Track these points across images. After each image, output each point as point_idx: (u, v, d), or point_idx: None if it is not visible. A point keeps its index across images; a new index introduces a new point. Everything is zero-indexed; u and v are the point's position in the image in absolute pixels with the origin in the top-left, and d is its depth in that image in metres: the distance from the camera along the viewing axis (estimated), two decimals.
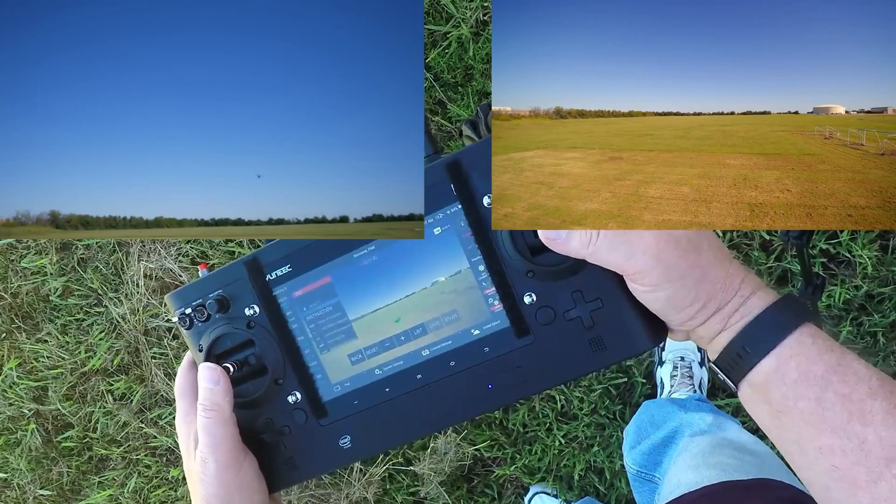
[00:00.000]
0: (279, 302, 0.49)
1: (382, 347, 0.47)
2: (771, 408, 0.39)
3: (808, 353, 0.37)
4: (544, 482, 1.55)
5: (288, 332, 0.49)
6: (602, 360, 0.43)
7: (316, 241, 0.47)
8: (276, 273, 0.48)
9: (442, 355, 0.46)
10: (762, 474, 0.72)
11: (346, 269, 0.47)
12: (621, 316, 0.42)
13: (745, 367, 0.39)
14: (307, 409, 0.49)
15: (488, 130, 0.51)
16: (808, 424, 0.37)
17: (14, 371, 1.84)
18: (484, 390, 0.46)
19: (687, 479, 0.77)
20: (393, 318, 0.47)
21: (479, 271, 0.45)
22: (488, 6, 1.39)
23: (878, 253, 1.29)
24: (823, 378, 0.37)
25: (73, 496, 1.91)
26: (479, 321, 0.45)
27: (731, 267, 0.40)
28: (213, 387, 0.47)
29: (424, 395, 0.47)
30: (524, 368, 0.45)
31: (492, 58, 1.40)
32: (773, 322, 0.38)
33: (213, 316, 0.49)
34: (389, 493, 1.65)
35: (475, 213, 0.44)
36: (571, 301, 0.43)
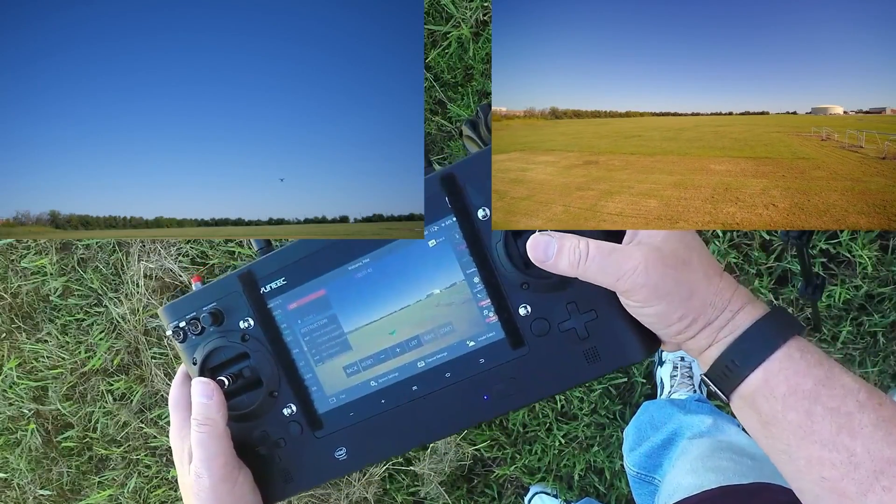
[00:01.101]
0: (274, 315, 0.49)
1: (378, 359, 0.48)
2: (760, 419, 0.39)
3: (797, 367, 0.38)
4: (544, 482, 1.56)
5: (283, 345, 0.49)
6: (596, 370, 0.44)
7: (310, 254, 0.47)
8: (270, 286, 0.48)
9: (437, 367, 0.47)
10: (761, 478, 0.72)
11: (340, 281, 0.47)
12: (615, 327, 0.43)
13: (734, 380, 0.39)
14: (302, 421, 0.49)
15: (488, 130, 0.51)
16: (797, 436, 0.37)
17: (14, 371, 1.84)
18: (479, 401, 0.46)
19: (686, 484, 0.77)
20: (388, 331, 0.47)
21: (475, 283, 0.45)
22: (488, 6, 1.39)
23: (878, 253, 1.29)
24: (812, 391, 0.37)
25: (73, 496, 1.91)
26: (474, 333, 0.46)
27: (721, 282, 0.40)
28: (206, 401, 0.46)
29: (420, 407, 0.47)
30: (519, 379, 0.45)
31: (492, 58, 1.40)
32: (761, 337, 0.39)
33: (206, 329, 0.49)
34: (389, 493, 1.65)
35: (470, 226, 0.44)
36: (566, 312, 0.43)
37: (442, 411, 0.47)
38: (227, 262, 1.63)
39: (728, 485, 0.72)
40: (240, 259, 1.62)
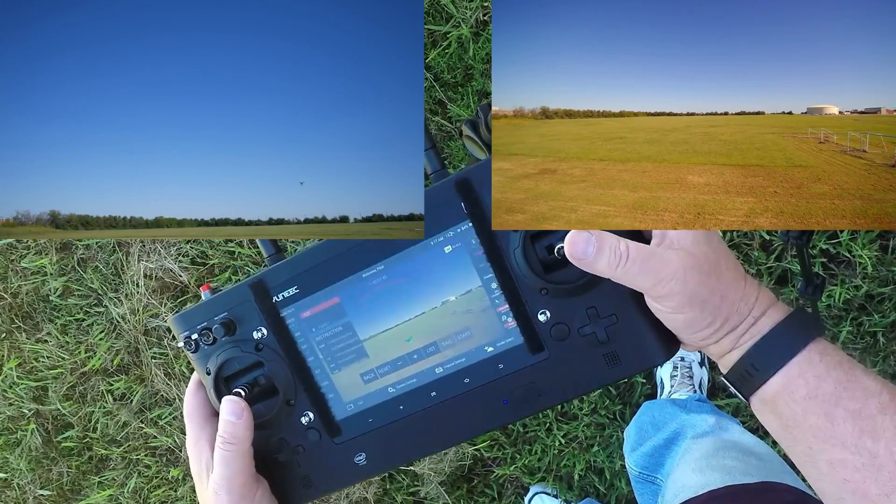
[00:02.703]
0: (287, 323, 0.48)
1: (395, 366, 0.48)
2: (781, 422, 0.39)
3: (817, 371, 0.38)
4: (544, 482, 1.56)
5: (298, 354, 0.49)
6: (617, 374, 0.44)
7: (322, 261, 0.47)
8: (282, 295, 0.48)
9: (456, 372, 0.47)
10: (767, 477, 0.73)
11: (355, 289, 0.47)
12: (636, 331, 0.43)
13: (755, 384, 0.39)
14: (320, 428, 0.50)
15: (488, 130, 0.51)
16: (818, 439, 0.37)
17: (14, 371, 1.84)
18: (498, 406, 0.46)
19: (692, 483, 0.77)
20: (405, 337, 0.47)
21: (492, 289, 0.45)
22: (488, 6, 1.39)
23: (878, 253, 1.29)
24: (833, 394, 0.37)
25: (73, 496, 1.91)
26: (492, 338, 0.46)
27: (746, 287, 0.40)
28: (235, 420, 0.46)
29: (439, 412, 0.47)
30: (539, 383, 0.45)
31: (492, 58, 1.40)
32: (781, 341, 0.39)
33: (219, 339, 0.49)
34: (389, 493, 1.65)
35: (487, 232, 0.44)
36: (586, 317, 0.44)
37: (461, 416, 0.47)
38: (227, 262, 1.63)
39: (734, 484, 0.72)
40: (240, 259, 1.62)
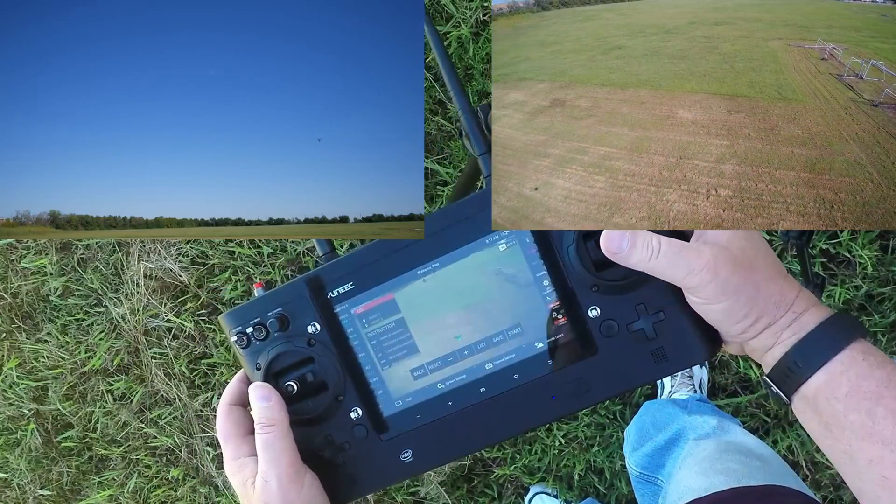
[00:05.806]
0: (340, 319, 0.49)
1: (445, 362, 0.48)
2: (822, 420, 0.40)
3: (859, 369, 0.38)
4: (544, 482, 1.56)
5: (349, 349, 0.49)
6: (663, 370, 0.45)
7: (379, 258, 0.48)
8: (337, 290, 0.48)
9: (505, 368, 0.47)
10: (770, 480, 0.73)
11: (409, 285, 0.47)
12: (682, 328, 0.44)
13: (797, 381, 0.40)
14: (368, 424, 0.50)
15: (488, 130, 0.51)
16: (858, 437, 0.38)
17: (14, 371, 1.84)
18: (547, 401, 0.47)
19: (695, 485, 0.77)
20: (455, 334, 0.47)
21: (544, 286, 0.46)
22: (488, 6, 1.39)
23: (878, 253, 1.29)
24: (875, 392, 0.38)
25: (73, 496, 1.91)
26: (543, 335, 0.47)
27: (784, 284, 0.41)
28: (266, 404, 0.47)
29: (487, 408, 0.48)
30: (587, 379, 0.46)
31: (492, 58, 1.40)
32: (825, 338, 0.40)
33: (272, 334, 0.49)
34: (389, 493, 1.65)
35: (540, 230, 0.45)
36: (635, 314, 0.45)
37: (509, 412, 0.48)
38: (227, 262, 1.63)
39: (738, 486, 0.73)
40: (239, 259, 1.62)
